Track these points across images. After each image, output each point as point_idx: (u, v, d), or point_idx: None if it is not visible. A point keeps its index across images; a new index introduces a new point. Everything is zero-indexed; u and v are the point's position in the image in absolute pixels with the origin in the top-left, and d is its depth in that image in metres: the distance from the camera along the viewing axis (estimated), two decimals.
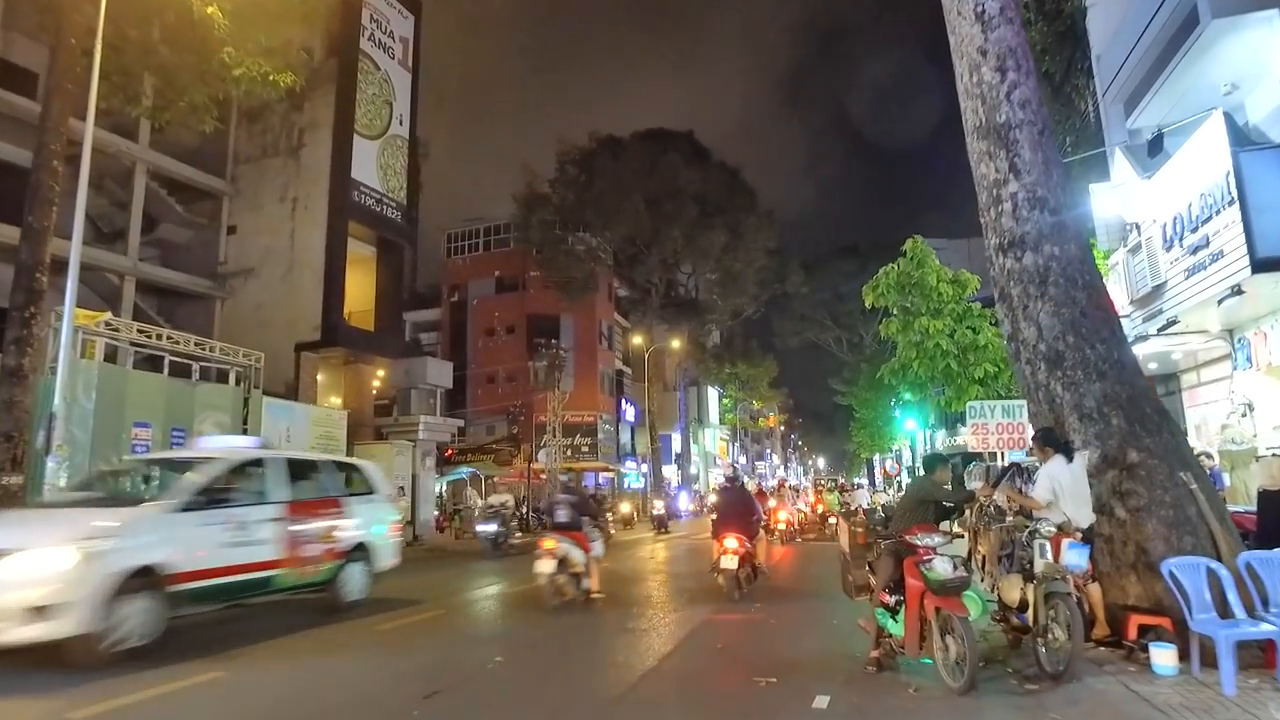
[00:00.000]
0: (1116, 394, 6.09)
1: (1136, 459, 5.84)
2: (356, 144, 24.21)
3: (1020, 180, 6.84)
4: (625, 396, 55.52)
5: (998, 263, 6.95)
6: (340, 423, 20.44)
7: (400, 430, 23.72)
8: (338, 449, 20.06)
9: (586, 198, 41.03)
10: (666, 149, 41.62)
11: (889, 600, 5.62)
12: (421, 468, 23.44)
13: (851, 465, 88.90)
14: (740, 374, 58.55)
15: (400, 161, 26.31)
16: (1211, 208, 10.10)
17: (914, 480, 6.02)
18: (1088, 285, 6.57)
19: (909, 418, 20.66)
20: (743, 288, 44.07)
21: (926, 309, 12.65)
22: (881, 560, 5.83)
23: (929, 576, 5.19)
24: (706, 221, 40.46)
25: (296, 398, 22.06)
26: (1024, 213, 6.79)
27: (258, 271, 24.07)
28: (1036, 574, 5.35)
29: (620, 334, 54.18)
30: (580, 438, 48.30)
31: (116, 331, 14.35)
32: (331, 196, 23.58)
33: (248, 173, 24.83)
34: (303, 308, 23.21)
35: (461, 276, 54.22)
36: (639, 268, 43.59)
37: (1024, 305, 6.69)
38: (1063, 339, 6.40)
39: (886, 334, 13.29)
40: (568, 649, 7.49)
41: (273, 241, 24.05)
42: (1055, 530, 5.43)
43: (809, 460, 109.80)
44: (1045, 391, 6.45)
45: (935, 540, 5.32)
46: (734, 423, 70.96)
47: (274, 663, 6.78)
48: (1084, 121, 14.77)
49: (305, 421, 19.09)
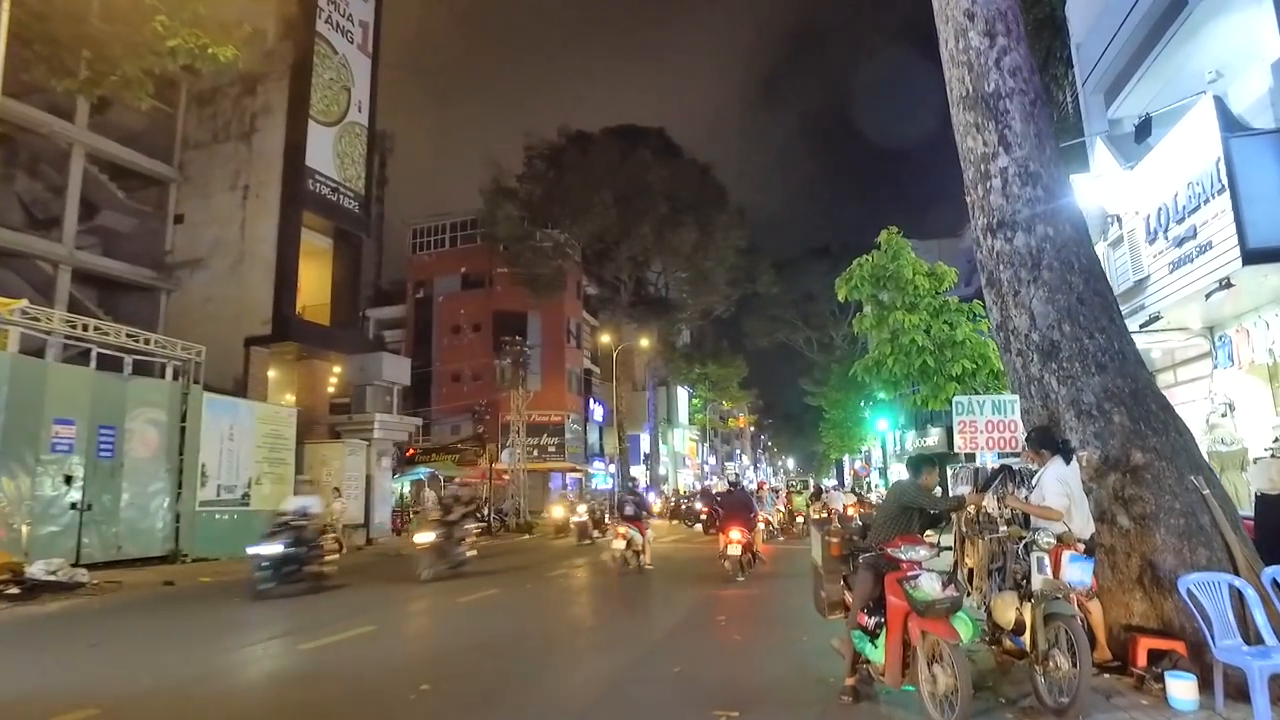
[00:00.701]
0: (1118, 388, 5.48)
1: (1142, 460, 5.22)
2: (312, 130, 23.20)
3: (1011, 154, 6.24)
4: (593, 396, 54.79)
5: (985, 245, 6.34)
6: (289, 420, 19.45)
7: (355, 429, 22.73)
8: (286, 448, 19.10)
9: (555, 193, 40.23)
10: (636, 145, 40.93)
11: (868, 622, 4.90)
12: (377, 467, 22.46)
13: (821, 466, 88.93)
14: (710, 374, 58.09)
15: (359, 150, 25.31)
16: (1200, 197, 9.60)
17: (895, 484, 5.27)
18: (1085, 270, 5.97)
19: (880, 417, 20.14)
20: (713, 286, 43.51)
21: (901, 303, 12.05)
22: (859, 575, 5.12)
23: (914, 596, 4.51)
24: (676, 219, 39.83)
25: (246, 394, 21.03)
26: (1015, 190, 6.18)
27: (206, 262, 22.94)
28: (1034, 591, 4.67)
29: (589, 332, 53.44)
30: (547, 437, 47.52)
31: (36, 321, 13.29)
32: (285, 184, 22.54)
33: (197, 159, 23.69)
34: (253, 300, 22.15)
35: (427, 273, 53.19)
36: (608, 265, 42.85)
37: (1014, 291, 6.07)
38: (1058, 328, 5.78)
39: (860, 329, 12.66)
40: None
41: (223, 231, 22.95)
42: (1055, 542, 4.79)
43: (778, 461, 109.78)
44: (1038, 386, 5.83)
45: (921, 554, 4.64)
46: (704, 423, 70.54)
47: None
48: (1063, 112, 14.32)
49: (251, 419, 18.08)
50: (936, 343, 11.99)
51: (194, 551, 15.50)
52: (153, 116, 23.62)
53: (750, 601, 10.52)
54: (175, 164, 23.54)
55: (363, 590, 11.88)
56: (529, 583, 12.69)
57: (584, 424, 52.47)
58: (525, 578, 13.51)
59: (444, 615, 9.71)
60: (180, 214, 23.53)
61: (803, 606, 7.70)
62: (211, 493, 16.46)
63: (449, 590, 11.59)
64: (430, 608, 10.24)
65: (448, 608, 10.15)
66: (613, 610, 10.21)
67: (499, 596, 10.90)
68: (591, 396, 54.52)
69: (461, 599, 10.52)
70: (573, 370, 50.73)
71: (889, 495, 5.36)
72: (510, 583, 12.55)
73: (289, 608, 9.89)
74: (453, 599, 10.59)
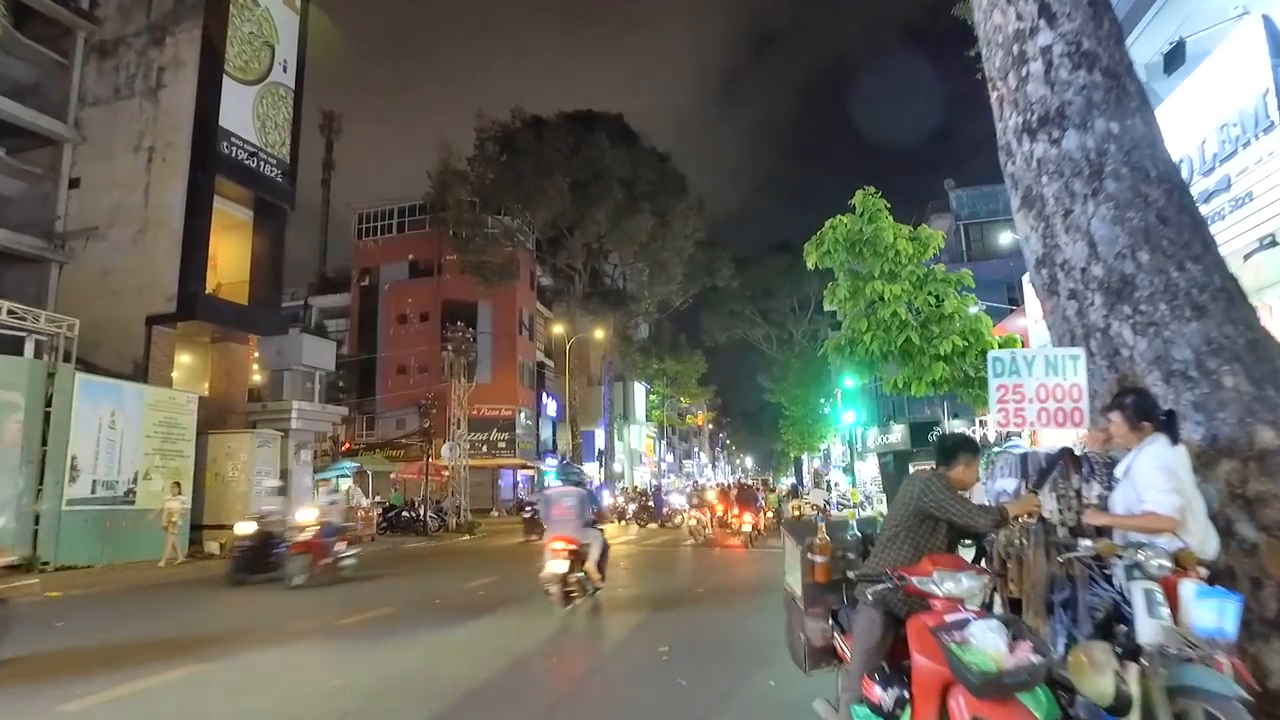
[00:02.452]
0: (1228, 339, 3.81)
1: (1273, 442, 3.58)
2: (228, 88, 20.91)
3: (1057, 28, 4.57)
4: (547, 390, 52.90)
5: (1021, 151, 4.65)
6: (188, 407, 17.20)
7: (269, 418, 20.44)
8: (183, 438, 16.87)
9: (507, 176, 38.27)
10: (593, 130, 39.09)
11: (881, 697, 3.08)
12: (295, 462, 20.23)
13: (779, 465, 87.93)
14: (668, 369, 56.68)
15: (283, 114, 23.01)
16: (1237, 140, 8.13)
17: (910, 479, 3.31)
18: (1164, 178, 4.31)
19: (848, 409, 18.48)
20: (670, 276, 41.88)
21: (880, 271, 10.41)
22: (862, 617, 3.37)
23: (963, 660, 2.70)
24: (633, 205, 38.12)
25: (147, 378, 18.73)
26: (1063, 74, 4.50)
27: (105, 232, 20.48)
28: (1144, 645, 2.91)
29: (543, 325, 51.54)
30: (497, 433, 45.58)
31: None
32: (195, 146, 20.22)
33: (96, 117, 21.21)
34: (157, 274, 19.80)
35: (373, 259, 50.84)
36: (562, 252, 40.93)
37: (1064, 210, 4.39)
38: (1130, 257, 4.10)
39: (831, 302, 10.98)
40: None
41: (124, 197, 20.52)
42: (1169, 565, 3.02)
43: (736, 459, 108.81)
44: (1103, 339, 4.16)
45: (964, 585, 2.94)
46: (661, 420, 68.96)
47: None
48: None
49: (138, 405, 15.83)
50: (921, 318, 10.40)
51: (58, 558, 13.26)
52: (45, 68, 21.19)
53: (703, 627, 8.80)
54: (70, 122, 21.04)
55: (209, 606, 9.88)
56: (440, 596, 10.71)
57: (536, 419, 50.58)
58: (440, 589, 11.52)
59: (307, 645, 7.67)
60: (76, 178, 21.02)
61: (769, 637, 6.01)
62: (84, 489, 14.18)
63: (331, 605, 9.63)
64: (297, 633, 8.17)
65: (316, 632, 8.18)
66: (525, 647, 7.34)
67: (392, 618, 8.87)
68: (545, 391, 52.63)
69: (344, 620, 8.52)
70: (525, 363, 48.77)
71: (901, 495, 3.57)
72: (417, 598, 10.53)
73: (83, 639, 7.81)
74: (333, 619, 8.60)
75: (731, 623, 8.60)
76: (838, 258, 10.59)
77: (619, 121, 42.19)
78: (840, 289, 10.64)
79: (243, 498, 17.88)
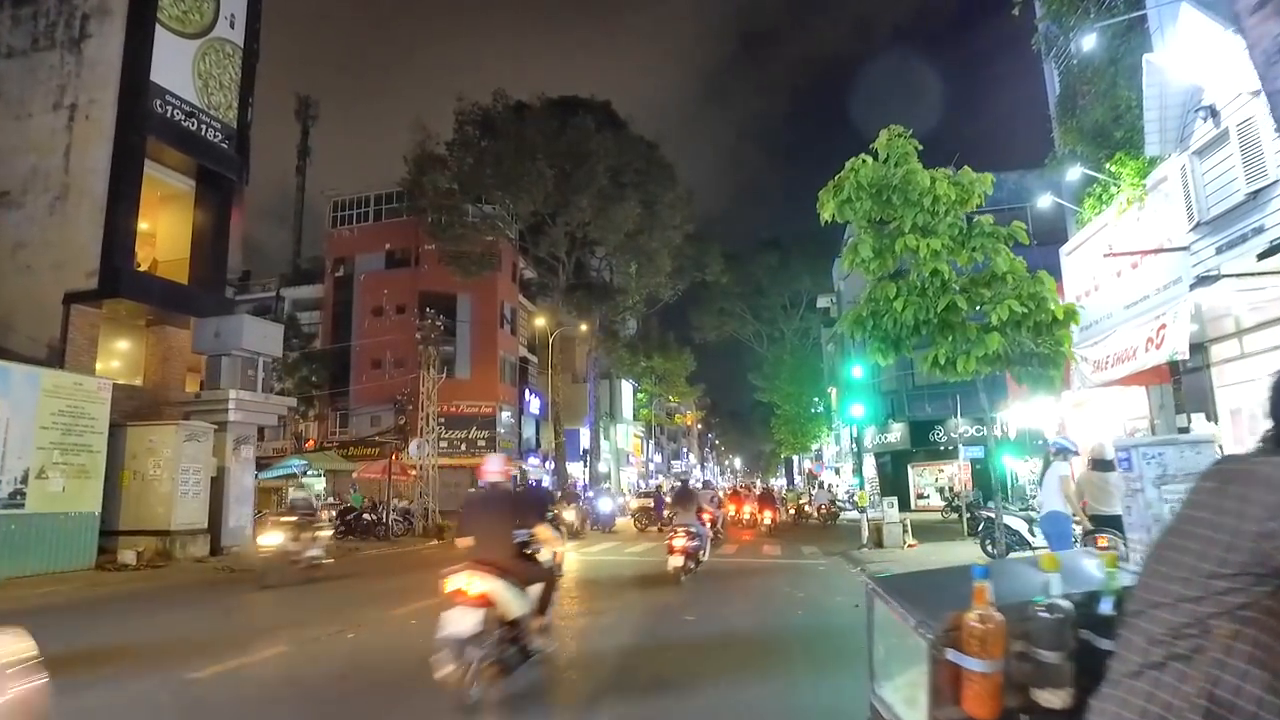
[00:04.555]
0: None
1: None
2: (163, 40, 18.72)
3: None
4: (530, 386, 50.70)
5: None
6: (99, 395, 14.94)
7: (204, 409, 18.14)
8: (92, 431, 14.62)
9: (487, 161, 36.09)
10: (579, 114, 36.93)
11: None
12: (233, 458, 17.94)
13: (769, 465, 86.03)
14: (656, 367, 54.71)
15: (230, 74, 20.79)
16: None
17: (1210, 473, 1.02)
18: None
19: (854, 403, 16.32)
20: (658, 268, 39.79)
21: (913, 224, 8.30)
22: None
23: None
24: (619, 192, 36.00)
25: (63, 363, 16.49)
26: None
27: (19, 199, 18.25)
28: None
29: (525, 318, 49.32)
30: (477, 430, 43.39)
31: None
32: (122, 103, 18.03)
33: (9, 70, 18.94)
34: (78, 247, 17.60)
35: (348, 249, 48.56)
36: (544, 241, 38.71)
37: None
38: None
39: (851, 264, 8.81)
40: None
41: (40, 160, 18.28)
42: None
43: (725, 460, 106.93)
44: None
45: None
46: (649, 419, 66.90)
47: None
48: None
49: (31, 392, 13.57)
50: (964, 277, 8.29)
51: None
52: None
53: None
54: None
55: None
56: (368, 624, 8.49)
57: (518, 416, 48.38)
58: (359, 615, 9.24)
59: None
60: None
61: None
62: None
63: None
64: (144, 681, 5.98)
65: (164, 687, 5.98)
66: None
67: (278, 662, 6.66)
68: (527, 387, 50.45)
69: (196, 674, 6.16)
70: (507, 358, 46.58)
71: (1200, 518, 1.29)
72: (326, 629, 8.29)
73: None
74: (180, 672, 6.33)
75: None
76: (861, 208, 8.45)
77: (605, 108, 40.09)
78: (864, 246, 8.46)
79: (165, 499, 15.63)
